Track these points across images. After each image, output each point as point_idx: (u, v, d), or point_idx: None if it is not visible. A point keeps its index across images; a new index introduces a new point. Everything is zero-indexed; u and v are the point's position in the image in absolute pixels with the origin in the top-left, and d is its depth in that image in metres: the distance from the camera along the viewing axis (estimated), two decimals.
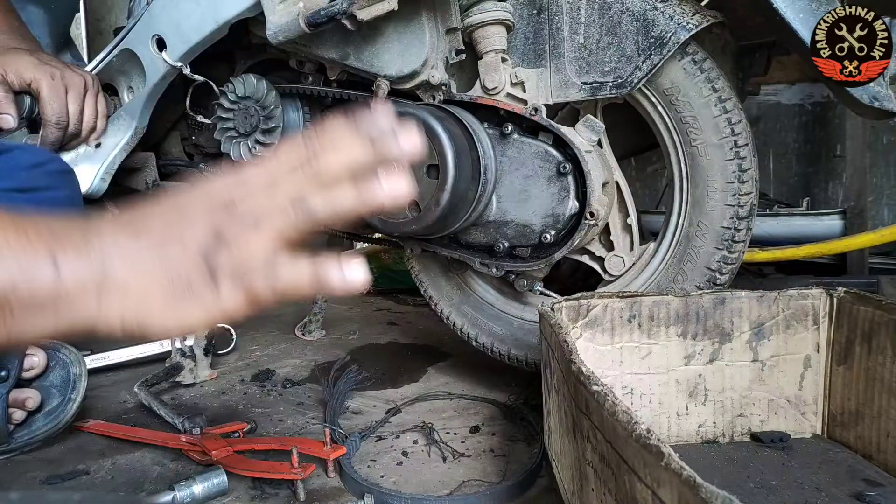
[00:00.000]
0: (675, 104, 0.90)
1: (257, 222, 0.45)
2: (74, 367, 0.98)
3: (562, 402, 0.66)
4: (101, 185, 1.18)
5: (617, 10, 0.89)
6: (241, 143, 1.11)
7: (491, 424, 1.00)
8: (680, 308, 0.83)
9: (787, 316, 0.83)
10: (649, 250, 1.00)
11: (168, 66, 1.07)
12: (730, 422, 0.84)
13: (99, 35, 1.94)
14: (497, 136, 0.97)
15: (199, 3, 1.01)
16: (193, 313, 0.45)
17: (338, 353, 1.41)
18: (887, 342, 0.74)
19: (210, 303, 0.44)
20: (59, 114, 0.97)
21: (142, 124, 1.16)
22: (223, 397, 1.16)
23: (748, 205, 0.89)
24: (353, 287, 0.46)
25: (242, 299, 0.44)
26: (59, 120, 0.97)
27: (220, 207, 0.46)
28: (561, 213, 0.93)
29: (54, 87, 0.96)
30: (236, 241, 0.44)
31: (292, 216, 0.45)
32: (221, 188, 0.47)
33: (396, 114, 0.46)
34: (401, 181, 0.46)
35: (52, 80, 0.96)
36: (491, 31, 0.93)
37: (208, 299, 0.44)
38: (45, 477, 0.86)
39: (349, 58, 0.97)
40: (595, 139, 0.94)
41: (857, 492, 0.69)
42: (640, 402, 0.83)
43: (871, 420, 0.77)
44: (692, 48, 0.88)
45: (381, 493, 0.78)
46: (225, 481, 0.79)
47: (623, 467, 0.46)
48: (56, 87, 0.96)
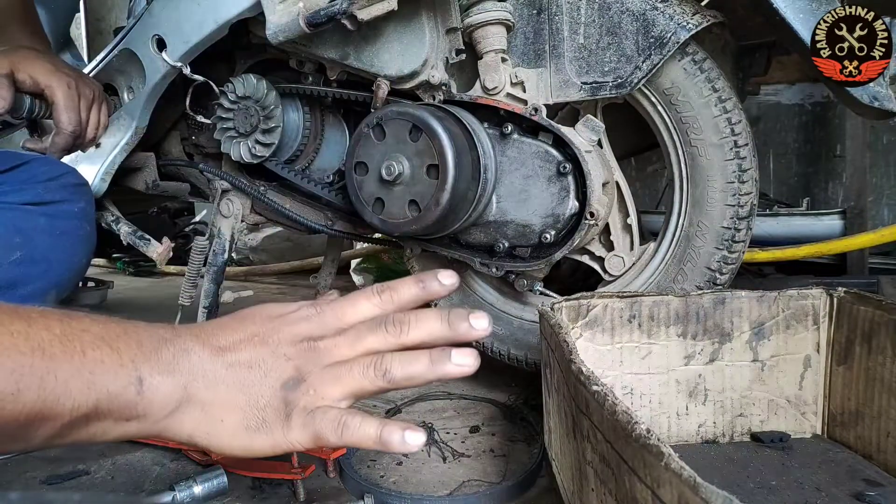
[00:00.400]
0: (675, 104, 0.90)
1: (339, 374, 0.47)
2: None
3: (562, 402, 0.66)
4: (101, 185, 1.18)
5: (617, 10, 0.89)
6: (241, 142, 1.11)
7: (491, 424, 1.00)
8: (680, 308, 0.83)
9: (787, 316, 0.83)
10: (649, 250, 1.00)
11: (168, 66, 1.07)
12: (730, 422, 0.84)
13: (99, 35, 1.94)
14: (497, 135, 0.97)
15: (199, 3, 1.01)
16: (261, 444, 0.46)
17: None
18: (887, 342, 0.74)
19: (279, 437, 0.46)
20: (74, 123, 0.97)
21: (142, 124, 1.16)
22: None
23: (748, 205, 0.89)
24: (412, 450, 0.49)
25: (309, 440, 0.46)
26: (74, 129, 0.97)
27: (305, 347, 0.48)
28: (561, 213, 0.93)
29: (70, 95, 0.96)
30: (317, 387, 0.47)
31: (371, 375, 0.47)
32: (306, 326, 0.50)
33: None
34: (469, 359, 0.48)
35: (69, 88, 0.96)
36: (491, 31, 0.93)
37: (278, 434, 0.46)
38: (45, 477, 0.86)
39: (349, 58, 0.97)
40: (595, 139, 0.94)
41: (857, 492, 0.69)
42: (640, 402, 0.83)
43: (871, 420, 0.77)
44: (692, 48, 0.88)
45: (381, 493, 0.78)
46: (225, 481, 0.79)
47: (623, 467, 0.46)
48: (72, 96, 0.97)
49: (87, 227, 0.99)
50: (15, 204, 0.89)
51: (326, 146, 1.19)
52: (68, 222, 0.95)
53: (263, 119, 1.08)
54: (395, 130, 0.92)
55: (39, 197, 0.92)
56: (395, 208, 0.95)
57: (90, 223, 1.00)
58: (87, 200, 1.01)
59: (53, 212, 0.93)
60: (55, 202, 0.94)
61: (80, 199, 0.99)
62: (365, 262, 2.23)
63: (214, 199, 1.27)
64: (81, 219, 0.98)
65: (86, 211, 0.99)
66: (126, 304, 2.15)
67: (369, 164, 0.96)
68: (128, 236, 1.24)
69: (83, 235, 0.98)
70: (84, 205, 0.99)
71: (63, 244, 0.93)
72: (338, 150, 1.20)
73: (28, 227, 0.89)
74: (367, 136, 0.95)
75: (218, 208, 1.26)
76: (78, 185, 1.00)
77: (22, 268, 0.87)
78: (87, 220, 1.00)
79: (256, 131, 1.09)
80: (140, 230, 1.25)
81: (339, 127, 1.20)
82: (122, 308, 2.04)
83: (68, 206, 0.96)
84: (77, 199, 0.98)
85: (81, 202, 0.99)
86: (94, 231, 1.01)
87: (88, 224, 1.00)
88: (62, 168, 0.99)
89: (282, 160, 1.15)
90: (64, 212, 0.95)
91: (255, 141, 1.10)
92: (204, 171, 1.26)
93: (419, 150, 0.90)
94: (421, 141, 0.90)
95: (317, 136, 1.18)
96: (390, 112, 0.92)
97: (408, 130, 0.91)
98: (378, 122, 0.94)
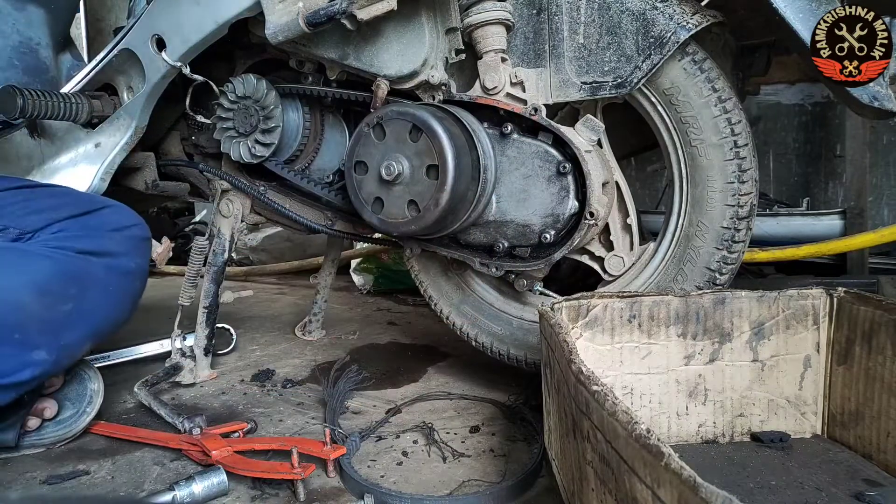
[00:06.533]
0: (675, 104, 0.90)
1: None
2: (93, 383, 0.99)
3: (562, 402, 0.66)
4: (101, 185, 1.18)
5: (617, 10, 0.89)
6: (240, 142, 1.12)
7: (491, 424, 1.00)
8: (680, 308, 0.83)
9: (787, 316, 0.83)
10: (649, 250, 1.00)
11: (168, 65, 1.07)
12: (730, 422, 0.84)
13: (99, 35, 1.94)
14: (497, 135, 0.97)
15: (198, 2, 1.01)
16: None
17: (338, 353, 1.41)
18: (887, 342, 0.74)
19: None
20: None
21: (141, 124, 1.16)
22: (223, 397, 1.16)
23: (748, 205, 0.89)
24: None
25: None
26: None
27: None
28: (561, 212, 0.93)
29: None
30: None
31: None
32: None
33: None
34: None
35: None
36: (491, 30, 0.93)
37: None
38: (45, 477, 0.86)
39: (349, 58, 0.97)
40: (595, 139, 0.94)
41: (857, 492, 0.69)
42: (640, 402, 0.83)
43: (871, 420, 0.77)
44: (692, 48, 0.88)
45: (381, 493, 0.78)
46: (225, 481, 0.79)
47: (623, 467, 0.46)
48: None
49: (139, 286, 1.00)
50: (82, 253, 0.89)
51: (326, 146, 1.19)
52: (124, 279, 0.95)
53: (263, 119, 1.08)
54: (395, 130, 0.92)
55: (102, 247, 0.92)
56: (395, 208, 0.95)
57: (143, 281, 1.01)
58: (146, 256, 1.01)
59: (112, 265, 0.93)
60: (116, 254, 0.94)
61: (139, 256, 0.99)
62: (365, 262, 2.23)
63: (214, 199, 1.27)
64: (137, 277, 0.98)
65: (142, 268, 1.00)
66: None
67: (369, 164, 0.96)
68: None
69: (134, 293, 0.99)
70: (142, 262, 1.00)
71: (114, 301, 0.94)
72: (337, 150, 1.20)
73: (85, 278, 0.89)
74: (367, 135, 0.95)
75: (218, 208, 1.26)
76: (143, 239, 1.00)
77: (70, 318, 0.88)
78: (142, 279, 1.00)
79: (256, 131, 1.09)
80: None
81: (338, 127, 1.20)
82: None
83: (127, 260, 0.96)
84: (137, 255, 0.98)
85: (141, 258, 0.99)
86: (144, 287, 1.01)
87: (141, 282, 1.00)
88: (132, 219, 1.00)
89: (281, 160, 1.15)
90: (122, 267, 0.95)
91: (254, 141, 1.10)
92: (204, 171, 1.26)
93: (419, 150, 0.90)
94: (421, 141, 0.90)
95: (316, 136, 1.18)
96: (390, 112, 0.92)
97: (408, 130, 0.91)
98: (378, 122, 0.94)
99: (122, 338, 1.52)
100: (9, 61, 1.34)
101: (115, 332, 1.00)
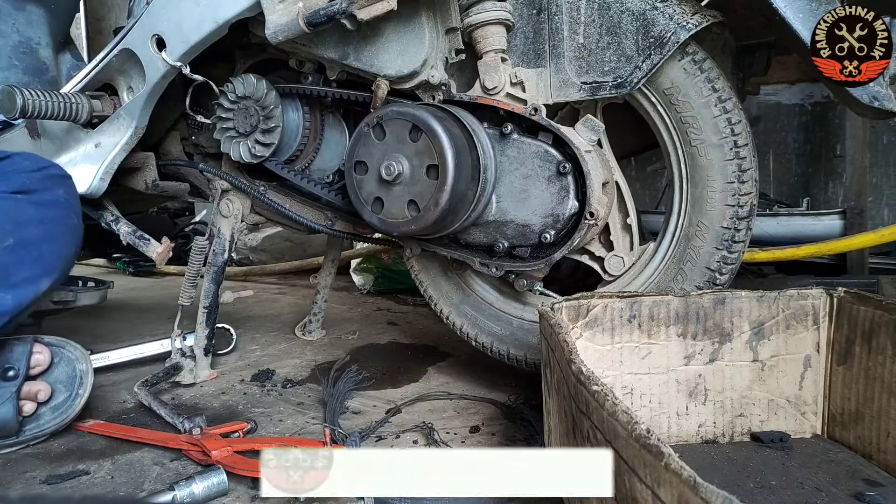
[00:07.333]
0: (675, 104, 0.90)
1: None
2: (80, 363, 0.99)
3: (562, 402, 0.66)
4: (101, 185, 1.18)
5: (617, 10, 0.89)
6: (240, 142, 1.12)
7: (491, 424, 1.00)
8: (680, 308, 0.83)
9: (787, 316, 0.83)
10: (649, 250, 1.00)
11: (168, 65, 1.07)
12: (730, 422, 0.84)
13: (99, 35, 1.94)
14: (497, 135, 0.97)
15: (198, 2, 1.01)
16: None
17: (338, 353, 1.41)
18: (887, 342, 0.74)
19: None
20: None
21: (141, 124, 1.16)
22: (223, 397, 1.16)
23: (748, 205, 0.89)
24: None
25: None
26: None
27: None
28: (561, 212, 0.93)
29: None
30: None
31: None
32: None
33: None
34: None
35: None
36: (491, 30, 0.93)
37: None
38: (45, 477, 0.86)
39: (349, 58, 0.97)
40: (595, 139, 0.94)
41: (857, 492, 0.69)
42: (640, 402, 0.83)
43: (871, 420, 0.77)
44: (692, 48, 0.88)
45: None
46: (225, 481, 0.79)
47: (623, 467, 0.46)
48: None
49: (74, 218, 1.01)
50: (3, 193, 0.91)
51: (326, 146, 1.19)
52: (56, 211, 0.97)
53: (263, 119, 1.08)
54: (395, 130, 0.92)
55: (26, 186, 0.94)
56: (395, 208, 0.95)
57: (76, 214, 1.02)
58: (72, 192, 1.03)
59: (41, 200, 0.95)
60: (40, 191, 0.95)
61: (63, 189, 1.01)
62: (365, 262, 2.23)
63: (214, 199, 1.27)
64: (68, 209, 1.00)
65: (71, 202, 1.01)
66: (126, 304, 2.15)
67: (369, 164, 0.96)
68: (127, 236, 1.24)
69: (71, 225, 1.00)
70: (69, 195, 1.02)
71: (52, 232, 0.95)
72: (337, 150, 1.20)
73: (18, 214, 0.91)
74: (367, 135, 0.95)
75: (218, 208, 1.26)
76: (62, 176, 1.02)
77: (14, 254, 0.89)
78: (74, 211, 1.02)
79: (256, 131, 1.09)
80: (140, 230, 1.25)
81: (338, 127, 1.20)
82: (122, 308, 2.04)
83: (54, 195, 0.98)
84: (62, 190, 1.00)
85: (67, 193, 1.01)
86: (80, 223, 1.03)
87: (75, 215, 1.02)
88: (45, 161, 1.01)
89: (281, 160, 1.15)
90: (51, 201, 0.97)
91: (254, 141, 1.10)
92: (204, 171, 1.26)
93: (419, 150, 0.90)
94: (421, 141, 0.90)
95: (316, 135, 1.18)
96: (390, 112, 0.92)
97: (408, 130, 0.91)
98: (378, 122, 0.94)
99: (122, 338, 1.52)
100: (9, 61, 1.34)
101: (68, 267, 1.01)
